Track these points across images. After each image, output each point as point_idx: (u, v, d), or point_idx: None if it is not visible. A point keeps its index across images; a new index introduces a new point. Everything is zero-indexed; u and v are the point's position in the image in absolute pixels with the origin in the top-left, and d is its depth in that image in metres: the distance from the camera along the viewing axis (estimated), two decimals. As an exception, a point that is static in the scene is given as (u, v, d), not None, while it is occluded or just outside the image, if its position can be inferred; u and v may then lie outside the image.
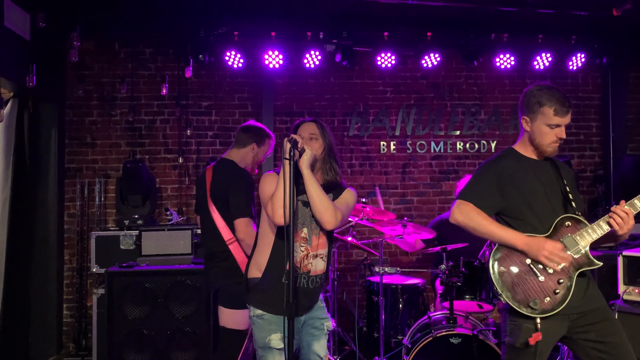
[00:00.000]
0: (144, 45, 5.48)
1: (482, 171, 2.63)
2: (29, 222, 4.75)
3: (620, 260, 3.46)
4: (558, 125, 2.49)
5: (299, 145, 2.40)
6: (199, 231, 4.80)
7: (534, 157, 2.61)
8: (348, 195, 2.68)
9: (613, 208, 2.44)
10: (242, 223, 3.21)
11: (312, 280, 2.55)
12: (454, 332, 3.50)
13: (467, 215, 2.50)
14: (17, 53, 4.25)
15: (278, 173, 2.53)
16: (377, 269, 4.07)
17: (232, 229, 3.26)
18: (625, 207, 2.43)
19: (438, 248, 4.03)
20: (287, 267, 2.34)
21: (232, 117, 5.59)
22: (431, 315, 3.82)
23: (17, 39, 4.23)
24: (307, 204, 2.52)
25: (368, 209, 4.19)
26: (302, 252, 2.54)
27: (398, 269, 4.30)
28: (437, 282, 4.34)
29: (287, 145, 2.36)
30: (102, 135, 5.43)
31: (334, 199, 2.61)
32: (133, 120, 5.44)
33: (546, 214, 2.50)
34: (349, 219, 4.33)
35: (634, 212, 2.43)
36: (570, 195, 2.54)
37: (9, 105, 4.38)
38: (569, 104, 2.50)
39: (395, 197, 5.74)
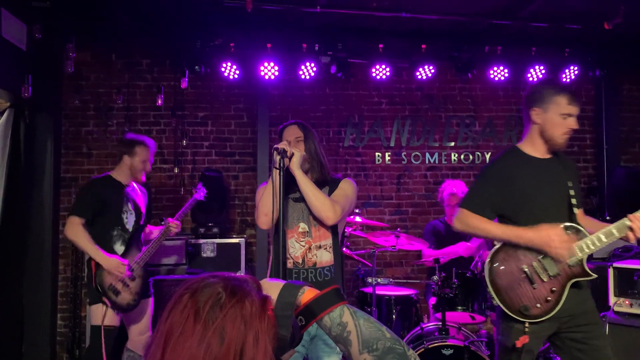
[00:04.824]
0: (140, 56, 5.52)
1: (482, 174, 2.67)
2: (23, 232, 4.75)
3: (610, 271, 3.47)
4: (570, 115, 2.51)
5: (288, 153, 2.47)
6: (193, 241, 4.85)
7: (539, 155, 2.60)
8: (346, 186, 2.71)
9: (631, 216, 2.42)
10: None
11: (319, 273, 2.57)
12: (446, 343, 3.50)
13: (466, 223, 2.55)
14: (13, 63, 4.28)
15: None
16: (370, 280, 4.08)
17: None
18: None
19: (431, 259, 4.05)
20: (311, 264, 2.55)
21: (228, 127, 5.62)
22: (424, 326, 3.82)
23: (13, 50, 4.26)
24: (298, 199, 2.60)
25: (360, 220, 4.21)
26: (303, 246, 2.59)
27: (391, 279, 4.31)
28: (431, 293, 4.35)
29: (277, 157, 2.43)
30: (98, 146, 5.45)
31: (330, 193, 2.66)
32: (129, 131, 5.46)
33: (546, 217, 2.50)
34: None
35: None
36: (573, 200, 2.55)
37: (4, 115, 4.40)
38: (577, 95, 2.56)
39: (390, 207, 5.75)
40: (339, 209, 2.56)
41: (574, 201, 2.55)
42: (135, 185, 3.87)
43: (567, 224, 2.49)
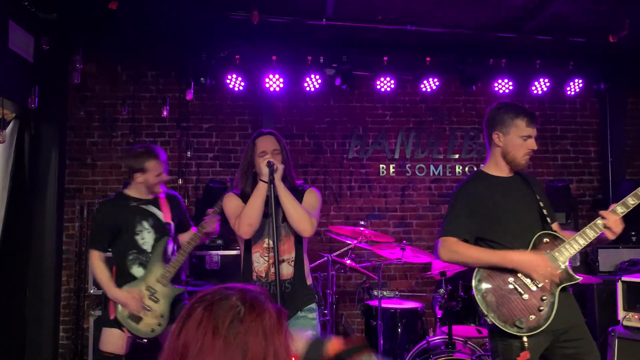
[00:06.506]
0: (146, 68, 5.54)
1: (454, 199, 2.68)
2: (26, 243, 4.73)
3: (619, 285, 3.44)
4: (529, 137, 2.60)
5: (275, 167, 2.60)
6: (197, 253, 4.82)
7: (504, 174, 2.67)
8: (311, 198, 2.79)
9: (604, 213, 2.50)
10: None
11: (281, 285, 2.63)
12: (453, 357, 3.47)
13: (454, 251, 2.54)
14: (20, 75, 4.30)
15: (236, 193, 2.80)
16: (375, 293, 4.05)
17: None
18: (612, 214, 2.50)
19: (436, 272, 4.02)
20: (273, 278, 2.57)
21: (232, 139, 5.62)
22: (430, 340, 3.79)
23: (20, 61, 4.28)
24: (265, 214, 2.64)
25: (366, 232, 4.19)
26: (267, 261, 2.68)
27: (397, 292, 4.28)
28: (437, 306, 4.32)
29: (266, 170, 2.57)
30: (103, 157, 5.45)
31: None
32: (134, 142, 5.47)
33: (522, 231, 2.55)
34: (348, 241, 4.33)
35: (618, 217, 2.50)
36: (545, 210, 2.61)
37: (10, 125, 4.41)
38: (536, 116, 2.65)
39: (394, 220, 5.73)
40: (315, 222, 2.68)
41: (545, 212, 2.61)
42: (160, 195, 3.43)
43: (544, 231, 2.54)
